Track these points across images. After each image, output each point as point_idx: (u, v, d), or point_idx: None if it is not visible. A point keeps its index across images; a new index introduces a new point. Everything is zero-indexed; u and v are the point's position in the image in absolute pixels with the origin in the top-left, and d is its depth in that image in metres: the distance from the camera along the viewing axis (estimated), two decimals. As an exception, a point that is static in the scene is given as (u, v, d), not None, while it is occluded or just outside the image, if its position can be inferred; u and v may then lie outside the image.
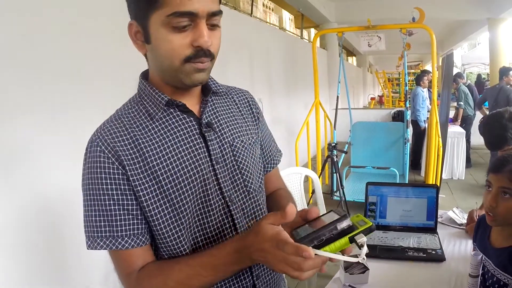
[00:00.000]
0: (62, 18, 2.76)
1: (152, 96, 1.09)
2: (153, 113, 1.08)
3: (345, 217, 0.86)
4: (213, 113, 1.17)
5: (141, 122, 1.08)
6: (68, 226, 2.71)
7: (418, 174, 7.73)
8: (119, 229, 1.02)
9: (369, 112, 14.25)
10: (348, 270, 1.86)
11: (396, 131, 6.71)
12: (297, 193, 3.67)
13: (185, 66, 1.00)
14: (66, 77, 2.78)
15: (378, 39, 6.34)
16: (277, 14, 11.03)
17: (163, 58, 1.01)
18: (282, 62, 8.41)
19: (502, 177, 1.55)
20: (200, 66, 1.01)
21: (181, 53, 0.98)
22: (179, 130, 1.09)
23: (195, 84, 1.05)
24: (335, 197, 5.54)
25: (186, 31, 0.97)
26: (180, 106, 1.10)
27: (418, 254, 2.11)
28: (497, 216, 1.56)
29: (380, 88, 24.75)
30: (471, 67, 20.08)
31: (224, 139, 1.15)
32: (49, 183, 2.66)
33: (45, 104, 2.65)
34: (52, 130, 2.69)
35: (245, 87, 1.38)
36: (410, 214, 2.41)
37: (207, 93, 1.17)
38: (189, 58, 0.99)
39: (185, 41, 0.98)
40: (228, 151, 1.15)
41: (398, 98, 19.87)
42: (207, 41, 0.97)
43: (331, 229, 0.85)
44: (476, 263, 1.59)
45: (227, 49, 5.93)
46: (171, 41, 0.98)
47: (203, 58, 1.00)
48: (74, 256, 2.81)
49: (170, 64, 1.00)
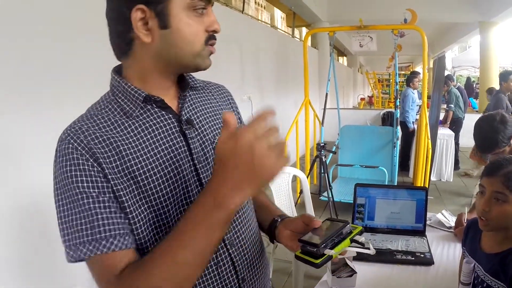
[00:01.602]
0: (46, 16, 2.70)
1: (127, 93, 1.02)
2: (130, 110, 1.02)
3: (347, 223, 1.06)
4: (192, 109, 1.12)
5: (116, 120, 1.01)
6: (55, 225, 2.65)
7: (406, 175, 7.74)
8: (101, 229, 0.91)
9: (358, 112, 14.26)
10: (336, 273, 1.82)
11: (385, 135, 6.67)
12: (285, 193, 3.64)
13: (204, 50, 1.03)
14: (49, 76, 2.73)
15: (369, 39, 6.33)
16: (269, 12, 11.02)
17: (186, 43, 0.99)
18: (272, 60, 8.39)
19: (496, 181, 1.52)
20: (213, 50, 1.05)
21: (202, 36, 1.01)
22: (157, 128, 1.03)
23: (206, 67, 1.05)
24: (322, 198, 5.51)
25: (202, 16, 1.01)
26: (158, 101, 1.04)
27: (406, 257, 2.09)
28: (490, 221, 1.54)
29: (370, 88, 24.84)
30: (461, 69, 20.22)
31: (205, 136, 1.11)
32: (36, 183, 2.60)
33: (32, 103, 2.60)
34: (39, 129, 2.62)
35: (235, 84, 1.35)
36: (398, 216, 2.39)
37: (184, 88, 1.13)
38: (206, 41, 1.02)
39: (202, 26, 1.01)
40: (209, 149, 1.10)
41: (388, 99, 19.94)
42: (218, 26, 1.03)
43: (339, 234, 1.03)
44: (469, 271, 1.56)
45: (217, 45, 5.89)
46: (192, 25, 0.99)
47: (215, 40, 1.05)
48: (61, 256, 2.76)
49: (191, 49, 1.00)
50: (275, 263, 3.93)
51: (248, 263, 1.17)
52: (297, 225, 1.13)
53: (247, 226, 1.18)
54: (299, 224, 1.12)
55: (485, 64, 12.77)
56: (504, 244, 1.56)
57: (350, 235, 1.04)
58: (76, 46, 2.92)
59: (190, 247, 0.86)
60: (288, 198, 3.69)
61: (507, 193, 1.49)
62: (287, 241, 1.14)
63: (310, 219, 1.09)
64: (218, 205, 0.83)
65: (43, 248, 2.70)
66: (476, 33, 13.98)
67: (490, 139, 2.47)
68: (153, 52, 1.00)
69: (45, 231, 2.69)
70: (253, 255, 1.19)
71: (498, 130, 2.43)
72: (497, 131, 2.43)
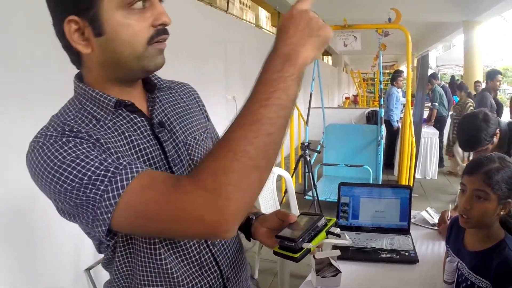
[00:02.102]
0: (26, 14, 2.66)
1: (96, 100, 0.97)
2: (101, 118, 0.97)
3: (322, 216, 1.08)
4: (162, 111, 1.10)
5: (91, 127, 0.94)
6: (36, 225, 2.63)
7: (391, 173, 7.78)
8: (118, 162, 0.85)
9: (343, 111, 14.32)
10: (320, 273, 1.81)
11: (370, 133, 6.70)
12: (269, 192, 3.63)
13: (148, 50, 0.93)
14: (28, 75, 2.69)
15: (354, 38, 6.35)
16: (253, 11, 11.00)
17: (124, 47, 0.91)
18: (257, 59, 8.33)
19: (476, 179, 1.53)
20: (163, 46, 0.96)
21: (144, 35, 0.91)
22: (131, 132, 1.00)
23: (158, 68, 0.98)
24: (307, 197, 5.51)
25: (143, 12, 0.91)
26: (129, 106, 1.01)
27: (391, 256, 2.09)
28: (471, 218, 1.55)
29: (355, 87, 24.95)
30: (445, 68, 20.38)
31: (177, 138, 1.08)
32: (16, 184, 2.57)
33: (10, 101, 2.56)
34: (18, 129, 2.58)
35: (220, 84, 1.33)
36: (383, 215, 2.39)
37: (151, 89, 1.09)
38: (151, 39, 0.92)
39: (146, 22, 0.91)
40: (183, 151, 1.09)
41: (373, 98, 20.04)
42: (167, 17, 0.93)
43: (315, 228, 1.04)
44: (452, 269, 1.56)
45: (201, 45, 5.91)
46: (131, 24, 0.90)
47: (165, 35, 0.95)
48: (42, 257, 2.74)
49: (133, 51, 0.92)
50: (261, 263, 3.92)
51: (230, 261, 1.16)
52: (272, 221, 1.14)
53: None
54: (274, 221, 1.13)
55: (468, 63, 12.92)
56: (486, 242, 1.57)
57: (325, 227, 1.07)
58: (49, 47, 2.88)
59: (271, 100, 0.79)
60: (273, 197, 3.68)
61: (488, 190, 1.50)
62: (264, 238, 1.15)
63: (285, 215, 1.11)
64: (287, 59, 0.82)
65: (25, 252, 2.66)
66: (460, 32, 14.13)
67: (473, 137, 2.49)
68: (97, 61, 0.96)
69: (28, 235, 2.66)
70: (234, 253, 1.19)
71: (481, 128, 2.44)
72: (480, 129, 2.44)
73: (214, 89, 5.86)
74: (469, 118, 2.58)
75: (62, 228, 0.79)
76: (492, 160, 1.55)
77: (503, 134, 2.50)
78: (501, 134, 2.50)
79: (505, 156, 1.60)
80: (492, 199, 1.50)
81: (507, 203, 1.53)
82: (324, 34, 0.86)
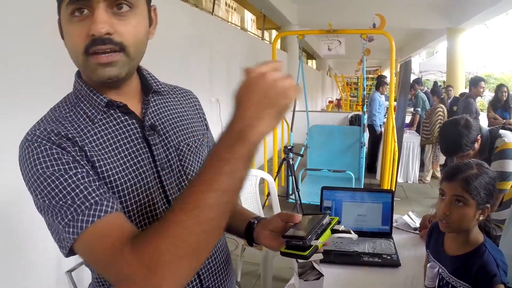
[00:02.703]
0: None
1: (89, 98, 0.99)
2: (91, 116, 0.98)
3: (326, 214, 1.11)
4: (156, 114, 1.09)
5: (79, 125, 0.96)
6: (21, 227, 2.60)
7: (373, 177, 7.83)
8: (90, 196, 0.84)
9: (326, 115, 14.36)
10: (303, 276, 1.81)
11: (353, 135, 6.76)
12: (252, 195, 3.63)
13: (88, 61, 0.90)
14: (15, 68, 2.65)
15: (338, 43, 6.38)
16: (239, 14, 11.00)
17: (70, 54, 0.93)
18: (242, 62, 8.37)
19: (455, 185, 1.56)
20: (102, 60, 0.89)
21: (79, 45, 0.89)
22: (120, 134, 1.00)
23: (103, 80, 0.93)
24: (290, 200, 5.52)
25: (85, 20, 0.88)
26: (121, 107, 1.01)
27: (373, 259, 2.10)
28: (451, 223, 1.57)
29: (338, 91, 25.06)
30: (428, 74, 20.58)
31: (169, 143, 1.08)
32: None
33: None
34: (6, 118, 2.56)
35: (204, 86, 1.33)
36: (365, 219, 2.40)
37: (147, 92, 1.09)
38: (87, 49, 0.89)
39: (83, 31, 0.88)
40: (173, 156, 1.08)
41: (356, 102, 20.15)
42: (98, 28, 0.86)
43: (320, 226, 1.06)
44: (433, 275, 1.58)
45: (186, 47, 5.88)
46: (71, 33, 0.90)
47: (100, 46, 0.88)
48: (25, 257, 2.71)
49: (76, 60, 0.93)
50: (244, 266, 3.91)
51: (213, 272, 1.15)
52: (275, 224, 1.12)
53: None
54: (277, 223, 1.12)
55: (451, 69, 13.09)
56: (466, 246, 1.59)
57: (330, 225, 1.09)
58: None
59: (214, 186, 0.77)
60: (256, 200, 3.68)
61: (466, 196, 1.52)
62: (268, 241, 1.13)
63: (289, 216, 1.10)
64: (240, 137, 0.77)
65: (7, 252, 2.63)
66: (444, 39, 14.29)
67: (454, 142, 2.51)
68: None
69: (10, 233, 2.63)
70: (218, 263, 1.17)
71: (462, 134, 2.47)
72: (461, 135, 2.47)
73: (198, 91, 5.65)
74: (451, 124, 2.60)
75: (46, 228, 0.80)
76: (470, 166, 1.57)
77: (484, 140, 2.53)
78: (482, 140, 2.53)
79: (482, 163, 1.62)
80: (471, 205, 1.52)
81: (486, 209, 1.55)
82: (284, 102, 0.80)
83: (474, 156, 2.54)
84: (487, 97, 17.30)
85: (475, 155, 2.54)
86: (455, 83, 12.30)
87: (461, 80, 12.99)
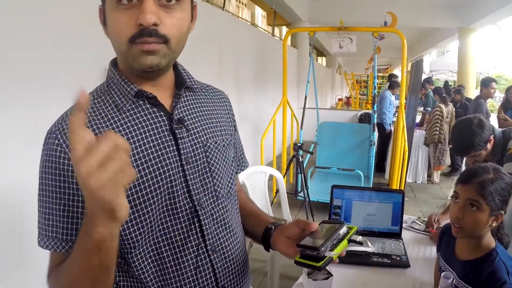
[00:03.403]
0: None
1: (121, 86, 1.01)
2: (121, 104, 1.00)
3: (343, 224, 1.05)
4: (186, 109, 1.10)
5: (106, 114, 0.99)
6: (24, 221, 2.60)
7: (382, 176, 7.79)
8: (64, 231, 0.94)
9: (336, 112, 14.33)
10: (312, 276, 1.80)
11: (362, 133, 6.74)
12: (261, 192, 3.62)
13: (132, 48, 0.92)
14: (21, 60, 2.65)
15: (349, 41, 6.33)
16: (249, 9, 10.98)
17: (114, 41, 0.96)
18: (252, 58, 8.36)
19: (470, 189, 1.53)
20: (145, 48, 0.91)
21: (126, 33, 0.91)
22: (147, 125, 1.00)
23: (143, 68, 0.95)
24: (299, 197, 5.52)
25: (133, 9, 0.90)
26: (151, 98, 1.02)
27: (382, 260, 2.10)
28: (463, 228, 1.54)
29: (348, 89, 24.99)
30: (438, 73, 20.50)
31: (196, 138, 1.08)
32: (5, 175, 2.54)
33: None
34: (6, 117, 2.55)
35: (213, 81, 1.32)
36: (375, 218, 2.39)
37: (181, 87, 1.10)
38: (133, 38, 0.91)
39: (130, 20, 0.90)
40: (200, 152, 1.08)
41: (366, 101, 20.08)
42: (146, 18, 0.88)
43: (337, 236, 1.02)
44: (446, 286, 1.56)
45: (196, 41, 5.86)
46: (118, 21, 0.92)
47: (147, 38, 0.90)
48: (31, 254, 2.70)
49: (119, 47, 0.95)
50: (251, 263, 3.89)
51: (229, 271, 1.15)
52: (292, 231, 1.10)
53: (231, 235, 1.16)
54: (294, 230, 1.10)
55: (462, 69, 13.02)
56: (477, 251, 1.58)
57: (347, 236, 1.04)
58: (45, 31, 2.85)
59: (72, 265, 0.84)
60: (264, 197, 3.68)
61: (481, 201, 1.50)
62: (284, 248, 1.12)
63: (305, 224, 1.07)
64: (86, 233, 0.75)
65: (11, 244, 2.63)
66: (455, 39, 14.22)
67: (467, 141, 2.49)
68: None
69: (14, 227, 2.63)
70: (236, 264, 1.17)
71: (475, 133, 2.45)
72: (474, 134, 2.45)
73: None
74: (464, 123, 2.58)
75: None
76: (486, 170, 1.55)
77: (497, 141, 2.51)
78: (495, 141, 2.50)
79: (499, 167, 1.60)
80: (484, 210, 1.50)
81: (500, 215, 1.53)
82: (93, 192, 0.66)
83: (486, 156, 2.52)
84: (498, 98, 17.20)
85: (487, 155, 2.52)
86: (466, 83, 12.25)
87: (472, 80, 12.93)
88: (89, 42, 2.99)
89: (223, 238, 1.12)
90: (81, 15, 2.94)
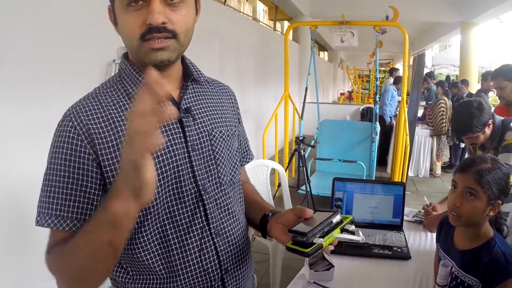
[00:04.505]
0: None
1: (132, 76, 1.09)
2: (132, 92, 1.06)
3: (337, 212, 1.06)
4: (193, 100, 1.16)
5: (118, 101, 1.06)
6: (32, 214, 2.62)
7: (384, 170, 7.80)
8: (69, 209, 0.98)
9: (338, 107, 14.30)
10: (313, 267, 1.83)
11: (364, 131, 6.70)
12: (263, 185, 3.64)
13: (143, 45, 0.99)
14: (29, 53, 2.67)
15: (351, 35, 6.34)
16: (251, 4, 10.97)
17: (125, 39, 1.03)
18: (253, 53, 8.36)
19: (468, 177, 1.55)
20: (154, 45, 0.98)
21: (136, 31, 0.98)
22: None
23: (154, 63, 1.00)
24: (300, 191, 5.53)
25: (141, 9, 0.97)
26: None
27: (383, 252, 2.11)
28: (461, 216, 1.56)
29: (350, 84, 24.94)
30: (441, 68, 20.41)
31: (202, 127, 1.14)
32: (14, 169, 2.57)
33: (5, 85, 2.53)
34: (15, 112, 2.57)
35: (214, 76, 1.36)
36: (376, 211, 2.41)
37: (188, 79, 1.16)
38: (143, 36, 0.97)
39: (139, 20, 0.97)
40: (205, 139, 1.13)
41: (368, 95, 20.04)
42: (154, 17, 0.94)
43: (329, 223, 1.03)
44: (445, 274, 1.58)
45: (198, 37, 5.82)
46: (127, 21, 0.98)
47: (156, 34, 0.97)
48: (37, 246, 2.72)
49: (130, 45, 1.01)
50: (254, 255, 3.91)
51: (232, 255, 1.18)
52: (288, 217, 1.13)
53: (234, 220, 1.20)
54: (290, 217, 1.12)
55: (464, 63, 12.97)
56: (475, 241, 1.59)
57: (340, 225, 1.05)
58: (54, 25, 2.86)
59: (80, 240, 0.90)
60: (266, 191, 3.69)
61: (478, 189, 1.51)
62: (278, 234, 1.15)
63: (301, 211, 1.10)
64: (105, 208, 0.82)
65: (17, 239, 2.66)
66: (457, 33, 14.14)
67: (464, 122, 2.52)
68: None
69: (19, 222, 2.65)
70: (238, 248, 1.21)
71: (474, 115, 2.48)
72: (473, 116, 2.48)
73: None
74: (464, 105, 2.62)
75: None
76: (484, 160, 1.57)
77: (496, 128, 2.54)
78: (494, 127, 2.53)
79: (497, 158, 1.62)
80: (482, 198, 1.52)
81: (497, 204, 1.55)
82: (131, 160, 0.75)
83: (484, 141, 2.55)
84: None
85: (486, 140, 2.55)
86: (468, 77, 12.20)
87: (474, 74, 12.87)
88: (90, 40, 3.01)
89: (226, 223, 1.16)
90: (82, 14, 2.96)
